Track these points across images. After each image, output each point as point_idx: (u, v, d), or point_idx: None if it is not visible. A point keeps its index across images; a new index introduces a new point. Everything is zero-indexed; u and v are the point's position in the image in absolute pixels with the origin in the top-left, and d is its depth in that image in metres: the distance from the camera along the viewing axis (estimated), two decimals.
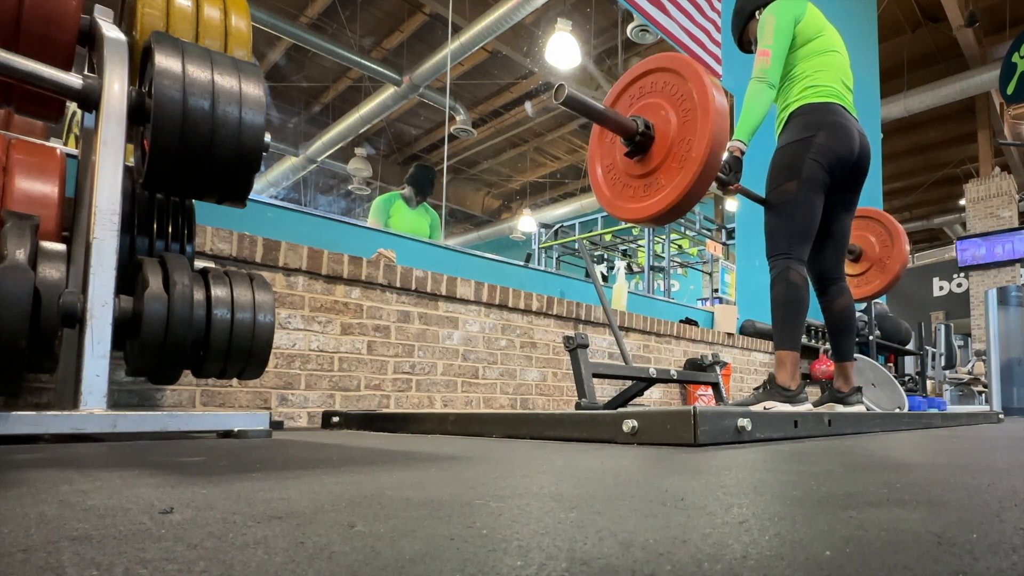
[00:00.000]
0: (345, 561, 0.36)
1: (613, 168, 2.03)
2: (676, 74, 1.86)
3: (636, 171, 1.93)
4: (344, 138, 7.05)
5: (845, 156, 2.30)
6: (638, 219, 1.96)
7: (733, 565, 0.35)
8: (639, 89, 1.99)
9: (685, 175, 1.77)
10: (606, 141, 2.07)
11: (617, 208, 2.01)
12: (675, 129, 1.83)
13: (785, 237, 2.25)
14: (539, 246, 7.05)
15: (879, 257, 3.11)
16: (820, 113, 2.31)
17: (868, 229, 3.18)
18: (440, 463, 0.93)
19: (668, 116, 1.85)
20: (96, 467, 0.85)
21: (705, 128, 1.73)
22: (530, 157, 8.54)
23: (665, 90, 1.89)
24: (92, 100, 1.47)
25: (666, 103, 1.87)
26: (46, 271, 1.36)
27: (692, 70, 1.82)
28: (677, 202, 1.79)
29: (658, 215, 1.86)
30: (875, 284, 3.10)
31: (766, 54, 2.29)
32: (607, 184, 2.06)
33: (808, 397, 2.28)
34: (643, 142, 1.88)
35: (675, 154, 1.82)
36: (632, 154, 1.93)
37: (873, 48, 7.63)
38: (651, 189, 1.89)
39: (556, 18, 5.18)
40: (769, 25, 2.32)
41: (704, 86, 1.77)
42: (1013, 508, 0.54)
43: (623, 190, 1.99)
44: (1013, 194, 12.32)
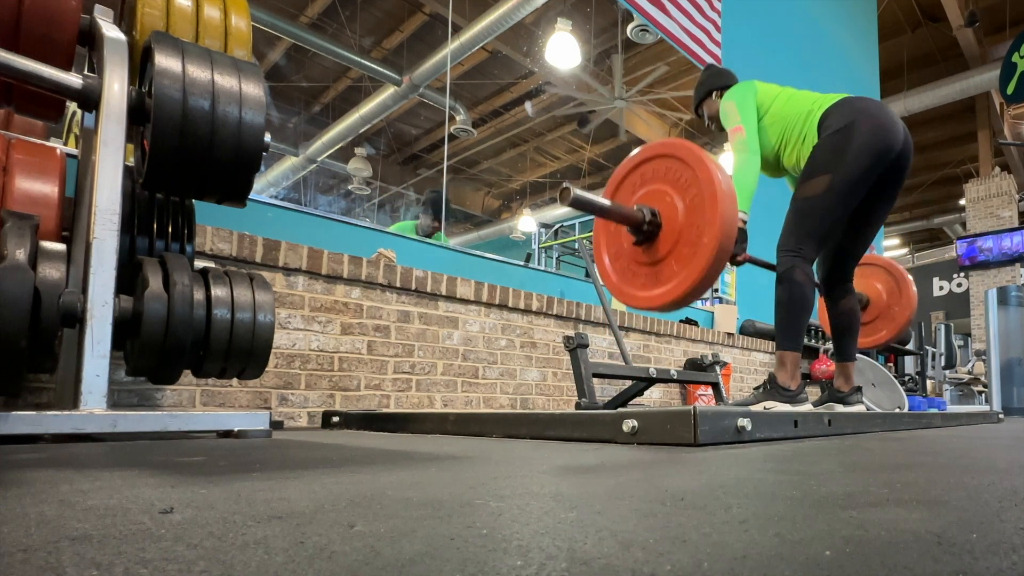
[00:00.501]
0: (345, 561, 0.36)
1: (620, 256, 2.00)
2: (678, 160, 1.84)
3: (644, 259, 1.91)
4: (344, 138, 7.05)
5: (888, 145, 2.15)
6: (651, 307, 1.93)
7: (733, 565, 0.35)
8: (640, 176, 1.95)
9: (699, 261, 1.74)
10: (611, 229, 2.04)
11: (627, 296, 1.97)
12: (683, 215, 1.80)
13: (800, 235, 2.20)
14: (539, 246, 7.05)
15: (887, 305, 3.05)
16: (851, 104, 2.21)
17: (874, 277, 3.11)
18: (440, 463, 0.93)
19: (674, 202, 1.82)
20: (96, 467, 0.85)
21: (715, 213, 1.70)
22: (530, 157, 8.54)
23: (668, 176, 1.87)
24: (92, 100, 1.47)
25: (671, 189, 1.85)
26: (46, 271, 1.36)
27: (695, 156, 1.79)
28: (692, 288, 1.77)
29: (673, 302, 1.84)
30: (882, 334, 3.05)
31: (739, 129, 2.31)
32: (615, 272, 2.02)
33: (808, 397, 2.28)
34: (651, 231, 1.86)
35: (685, 240, 1.79)
36: (640, 242, 1.90)
37: (873, 48, 7.63)
38: (662, 276, 1.86)
39: (556, 18, 5.18)
40: (731, 108, 2.36)
41: (709, 171, 1.74)
42: (1013, 508, 0.54)
43: (632, 278, 1.96)
44: (1013, 194, 12.32)
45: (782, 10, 5.99)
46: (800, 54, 6.17)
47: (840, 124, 2.17)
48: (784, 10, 6.01)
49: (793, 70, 6.04)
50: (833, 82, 6.56)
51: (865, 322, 3.11)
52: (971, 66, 10.47)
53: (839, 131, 2.16)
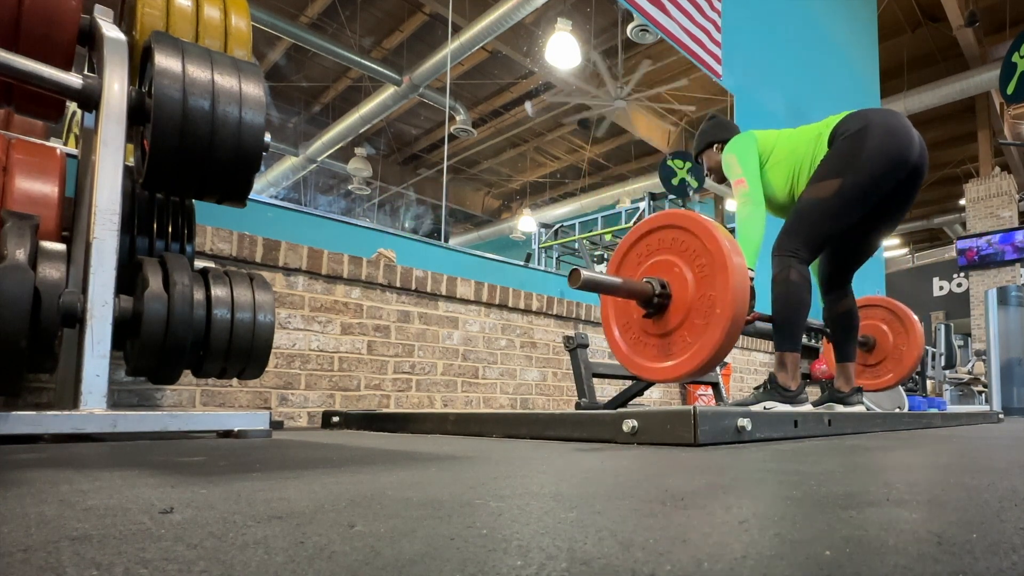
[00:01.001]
0: (345, 561, 0.36)
1: (630, 327, 1.99)
2: (684, 230, 1.83)
3: (655, 330, 1.89)
4: (344, 138, 7.05)
5: (902, 154, 2.08)
6: (664, 379, 1.92)
7: (733, 565, 0.35)
8: (646, 247, 1.95)
9: (713, 333, 1.72)
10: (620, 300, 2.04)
11: (639, 368, 1.96)
12: (693, 287, 1.79)
13: (799, 240, 2.18)
14: (539, 246, 7.05)
15: (894, 346, 3.02)
16: (863, 113, 2.17)
17: (879, 318, 3.08)
18: (440, 463, 0.93)
19: (683, 274, 1.81)
20: (96, 467, 0.85)
21: (726, 284, 1.68)
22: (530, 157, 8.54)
23: (675, 247, 1.86)
24: (92, 100, 1.47)
25: (678, 260, 1.84)
26: (46, 271, 1.36)
27: (701, 226, 1.78)
28: (708, 360, 1.75)
29: (688, 374, 1.82)
30: (888, 378, 3.02)
31: (741, 182, 2.30)
32: (625, 343, 2.01)
33: (808, 397, 2.28)
34: (661, 303, 1.85)
35: (697, 311, 1.78)
36: (650, 315, 1.89)
37: (873, 48, 7.63)
38: (675, 347, 1.84)
39: (556, 18, 5.18)
40: (733, 160, 2.34)
41: (717, 241, 1.72)
42: (1013, 508, 0.54)
43: (644, 349, 1.95)
44: (1013, 194, 12.32)
45: (782, 10, 5.99)
46: (800, 54, 6.17)
47: (854, 129, 2.12)
48: (784, 10, 6.01)
49: (793, 70, 6.04)
50: (834, 82, 6.56)
51: (871, 364, 3.08)
52: (971, 66, 10.47)
53: (852, 135, 2.11)
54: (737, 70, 5.29)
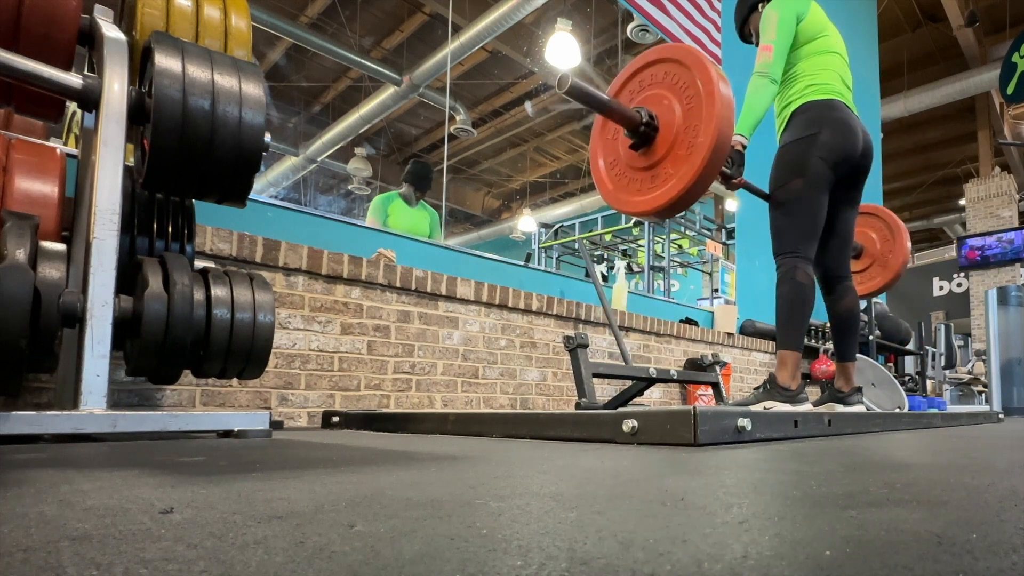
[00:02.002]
0: (345, 561, 0.36)
1: (617, 163, 1.99)
2: (678, 63, 1.84)
3: (641, 163, 1.90)
4: (344, 138, 7.05)
5: (849, 153, 2.31)
6: (645, 211, 1.91)
7: (733, 565, 0.35)
8: (639, 83, 1.96)
9: (693, 162, 1.72)
10: (608, 136, 2.05)
11: (622, 202, 1.97)
12: (680, 117, 1.79)
13: (792, 236, 2.24)
14: (539, 246, 7.05)
15: (880, 253, 3.09)
16: (822, 110, 2.31)
17: (869, 225, 3.16)
18: (440, 463, 0.93)
19: (672, 106, 1.82)
20: (96, 467, 0.85)
21: (711, 113, 1.69)
22: (530, 157, 8.53)
23: (667, 80, 1.87)
24: (92, 100, 1.47)
25: (669, 93, 1.84)
26: (46, 271, 1.36)
27: (695, 58, 1.79)
28: (686, 190, 1.75)
29: (667, 205, 1.82)
30: (877, 281, 3.08)
31: (768, 48, 2.28)
32: (610, 179, 2.02)
33: (808, 397, 2.28)
34: (647, 133, 1.85)
35: (681, 142, 1.78)
36: (636, 146, 1.90)
37: (873, 48, 7.63)
38: (657, 180, 1.85)
39: (556, 18, 5.18)
40: (772, 20, 2.31)
41: (708, 72, 1.74)
42: (1013, 508, 0.54)
43: (628, 184, 1.95)
44: (1013, 194, 12.32)
45: None
46: None
47: (803, 134, 2.29)
48: None
49: None
50: None
51: (859, 270, 3.13)
52: (971, 66, 10.47)
53: (801, 140, 2.29)
54: (737, 70, 5.28)
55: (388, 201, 4.11)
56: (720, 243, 5.65)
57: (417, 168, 4.28)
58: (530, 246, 7.29)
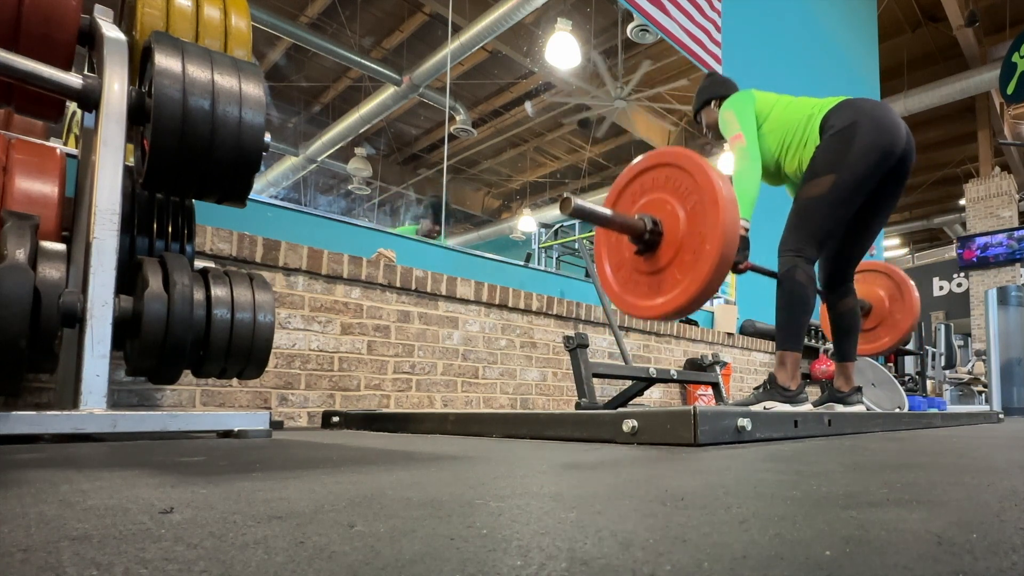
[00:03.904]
0: (345, 561, 0.36)
1: (622, 266, 1.99)
2: (679, 168, 1.82)
3: (646, 268, 1.89)
4: (344, 138, 7.05)
5: (893, 144, 2.15)
6: (654, 316, 1.91)
7: (733, 565, 0.35)
8: (640, 186, 1.94)
9: (701, 269, 1.72)
10: (612, 240, 2.03)
11: (629, 305, 1.96)
12: (684, 223, 1.79)
13: (802, 235, 2.20)
14: (539, 246, 7.04)
15: (889, 312, 3.02)
16: (853, 104, 2.21)
17: (877, 283, 3.09)
18: (440, 463, 0.93)
19: (675, 211, 1.81)
20: (96, 467, 0.85)
21: (716, 220, 1.68)
22: (530, 157, 8.54)
23: (668, 185, 1.86)
24: (92, 100, 1.47)
25: (671, 198, 1.83)
26: (46, 271, 1.36)
27: (695, 163, 1.78)
28: (695, 296, 1.75)
29: (676, 310, 1.82)
30: (884, 342, 3.02)
31: (739, 137, 2.31)
32: (616, 282, 2.01)
33: (808, 397, 2.28)
34: (652, 239, 1.85)
35: (687, 247, 1.78)
36: (641, 252, 1.89)
37: (873, 48, 7.63)
38: (665, 285, 1.84)
39: (556, 18, 5.18)
40: (731, 118, 2.35)
41: (709, 177, 1.72)
42: (1013, 508, 0.54)
43: (635, 288, 1.95)
44: (1013, 194, 12.32)
45: (782, 10, 5.99)
46: (800, 54, 6.17)
47: (843, 124, 2.17)
48: (784, 10, 6.01)
49: (793, 70, 6.04)
50: (833, 82, 6.56)
51: (867, 329, 3.09)
52: (971, 66, 10.47)
53: (842, 131, 2.16)
54: (737, 70, 5.29)
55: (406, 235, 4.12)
56: None
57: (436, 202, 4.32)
58: (530, 246, 7.28)
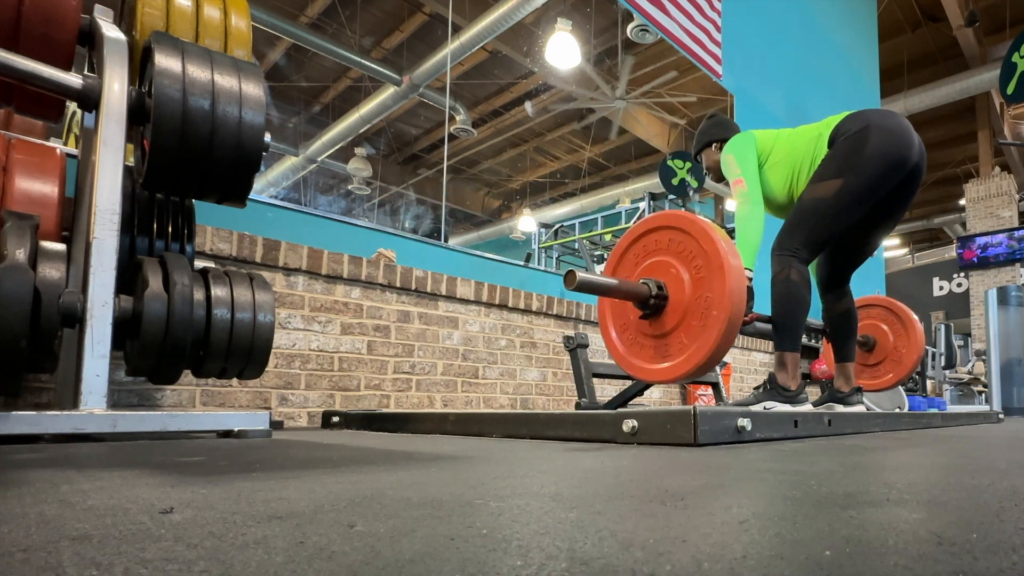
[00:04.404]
0: (345, 561, 0.36)
1: (627, 328, 1.98)
2: (680, 231, 1.82)
3: (652, 331, 1.89)
4: (344, 138, 7.05)
5: (904, 153, 2.09)
6: (661, 381, 1.92)
7: (733, 565, 0.35)
8: (643, 248, 1.94)
9: (709, 335, 1.71)
10: (616, 302, 2.03)
11: (636, 368, 1.95)
12: (689, 288, 1.78)
13: (799, 239, 2.18)
14: (539, 246, 7.05)
15: (893, 347, 3.01)
16: (863, 114, 2.17)
17: (879, 318, 3.07)
18: (440, 463, 0.93)
19: (679, 275, 1.81)
20: (96, 467, 0.85)
21: (723, 287, 1.68)
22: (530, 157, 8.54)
23: (671, 248, 1.85)
24: (92, 100, 1.47)
25: (675, 261, 1.83)
26: (46, 271, 1.36)
27: (698, 227, 1.77)
28: (704, 361, 1.74)
29: (685, 375, 1.81)
30: (890, 378, 3.01)
31: (740, 182, 2.30)
32: (622, 343, 2.01)
33: (808, 397, 2.28)
34: (657, 304, 1.84)
35: (693, 312, 1.77)
36: (647, 316, 1.88)
37: (873, 48, 7.63)
38: (671, 349, 1.84)
39: (556, 18, 5.18)
40: (731, 161, 2.34)
41: (714, 243, 1.71)
42: (1013, 508, 0.54)
43: (641, 351, 1.94)
44: (1013, 194, 12.32)
45: (782, 10, 5.99)
46: (800, 54, 6.17)
47: (854, 129, 2.13)
48: (784, 10, 6.01)
49: (793, 70, 6.04)
50: (833, 82, 6.56)
51: (870, 364, 3.08)
52: (971, 66, 10.47)
53: (852, 136, 2.12)
54: (737, 70, 5.29)
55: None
56: None
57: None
58: (530, 246, 7.29)
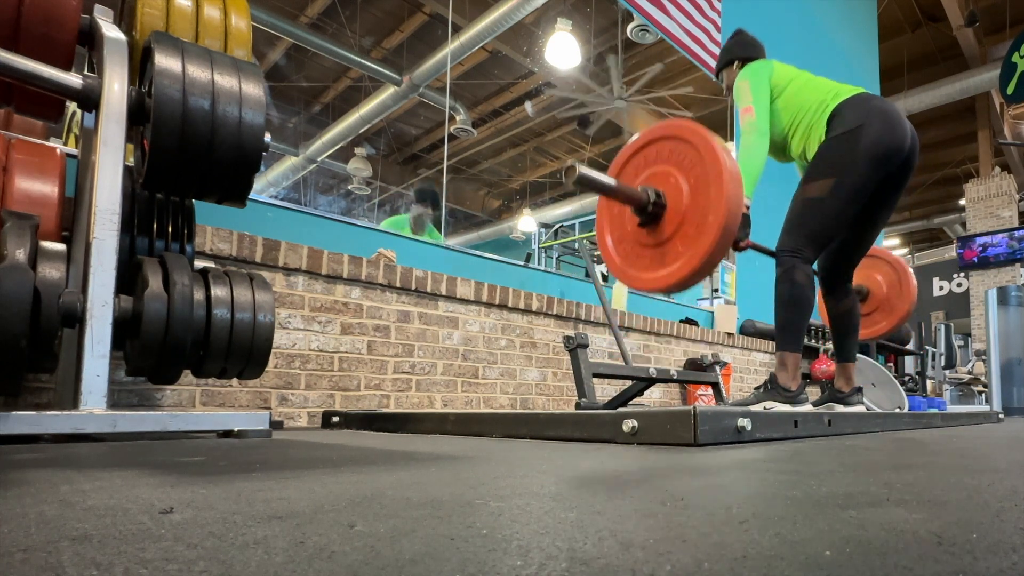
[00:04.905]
0: (345, 561, 0.36)
1: (624, 239, 1.98)
2: (683, 141, 1.82)
3: (649, 240, 1.89)
4: (344, 138, 7.05)
5: (898, 145, 2.15)
6: (655, 288, 1.91)
7: (733, 565, 0.35)
8: (644, 158, 1.94)
9: (703, 242, 1.72)
10: (614, 212, 2.03)
11: (631, 277, 1.96)
12: (687, 196, 1.78)
13: (801, 237, 2.19)
14: (539, 246, 7.04)
15: (886, 298, 3.04)
16: (863, 101, 2.20)
17: (875, 269, 3.10)
18: (440, 463, 0.93)
19: (679, 183, 1.81)
20: (96, 467, 0.85)
21: (720, 193, 1.68)
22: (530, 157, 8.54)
23: (672, 158, 1.85)
24: (92, 100, 1.47)
25: (675, 170, 1.83)
26: (46, 271, 1.36)
27: (700, 136, 1.77)
28: (697, 268, 1.74)
29: (678, 283, 1.82)
30: (881, 326, 3.04)
31: (749, 110, 2.29)
32: (618, 254, 2.00)
33: (808, 397, 2.28)
34: (655, 212, 1.84)
35: (690, 221, 1.77)
36: (644, 224, 1.89)
37: (873, 48, 7.63)
38: (667, 257, 1.84)
39: (556, 18, 5.18)
40: (744, 89, 2.34)
41: (714, 151, 1.73)
42: (1013, 508, 0.54)
43: (636, 260, 1.94)
44: (1013, 194, 12.32)
45: (782, 10, 5.99)
46: (800, 54, 6.17)
47: (849, 127, 2.16)
48: (784, 10, 6.01)
49: None
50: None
51: (864, 313, 3.11)
52: (971, 66, 10.47)
53: (847, 133, 2.15)
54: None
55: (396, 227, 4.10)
56: None
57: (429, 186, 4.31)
58: (530, 246, 7.28)
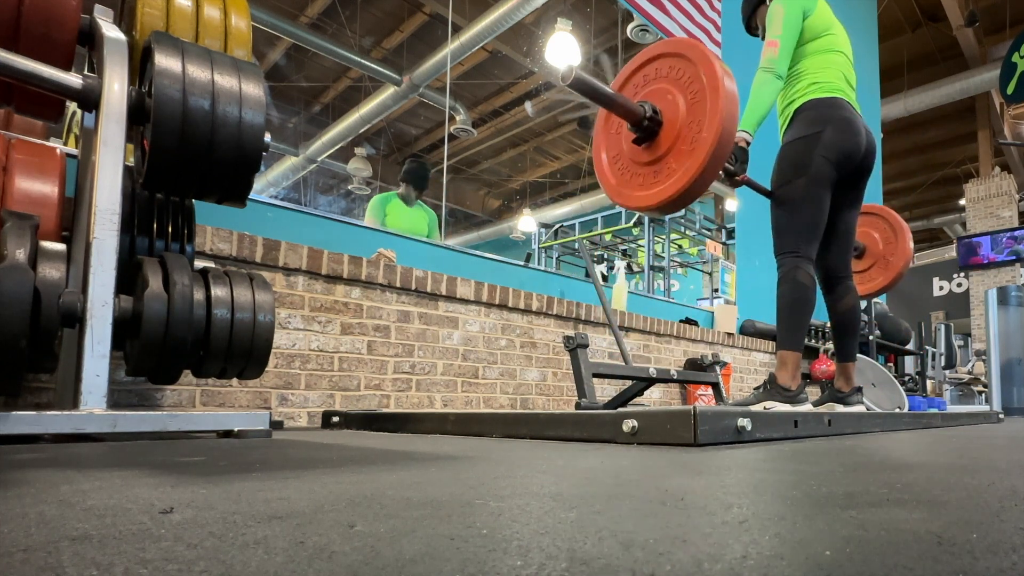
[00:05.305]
0: (345, 561, 0.36)
1: (620, 157, 1.98)
2: (683, 58, 1.83)
3: (644, 158, 1.89)
4: (344, 138, 7.05)
5: (852, 152, 2.30)
6: (648, 206, 1.90)
7: (733, 565, 0.35)
8: (644, 77, 1.94)
9: (697, 157, 1.71)
10: (611, 131, 2.03)
11: (624, 196, 1.95)
12: (684, 112, 1.78)
13: (793, 234, 2.24)
14: (539, 246, 7.04)
15: (882, 254, 3.10)
16: (826, 108, 2.31)
17: (872, 225, 3.16)
18: (440, 463, 0.93)
19: (676, 100, 1.81)
20: (96, 467, 0.85)
21: (715, 108, 1.68)
22: (530, 157, 8.54)
23: (671, 75, 1.85)
24: (92, 100, 1.47)
25: (673, 88, 1.83)
26: (46, 271, 1.36)
27: (699, 52, 1.78)
28: (690, 185, 1.74)
29: (670, 200, 1.81)
30: (878, 281, 3.08)
31: (774, 44, 2.28)
32: (613, 173, 2.00)
33: (808, 397, 2.28)
34: (651, 127, 1.84)
35: (685, 137, 1.77)
36: (640, 140, 1.88)
37: (873, 48, 7.63)
38: (661, 175, 1.83)
39: (556, 18, 5.18)
40: (778, 16, 2.31)
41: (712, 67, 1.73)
42: (1013, 508, 0.54)
43: (631, 179, 1.94)
44: (1013, 194, 12.31)
45: None
46: None
47: (808, 132, 2.28)
48: None
49: None
50: None
51: (860, 270, 3.12)
52: (971, 66, 10.47)
53: (805, 138, 2.28)
54: (738, 69, 5.28)
55: (386, 201, 4.10)
56: (720, 243, 5.65)
57: (415, 167, 4.26)
58: (530, 246, 7.29)
